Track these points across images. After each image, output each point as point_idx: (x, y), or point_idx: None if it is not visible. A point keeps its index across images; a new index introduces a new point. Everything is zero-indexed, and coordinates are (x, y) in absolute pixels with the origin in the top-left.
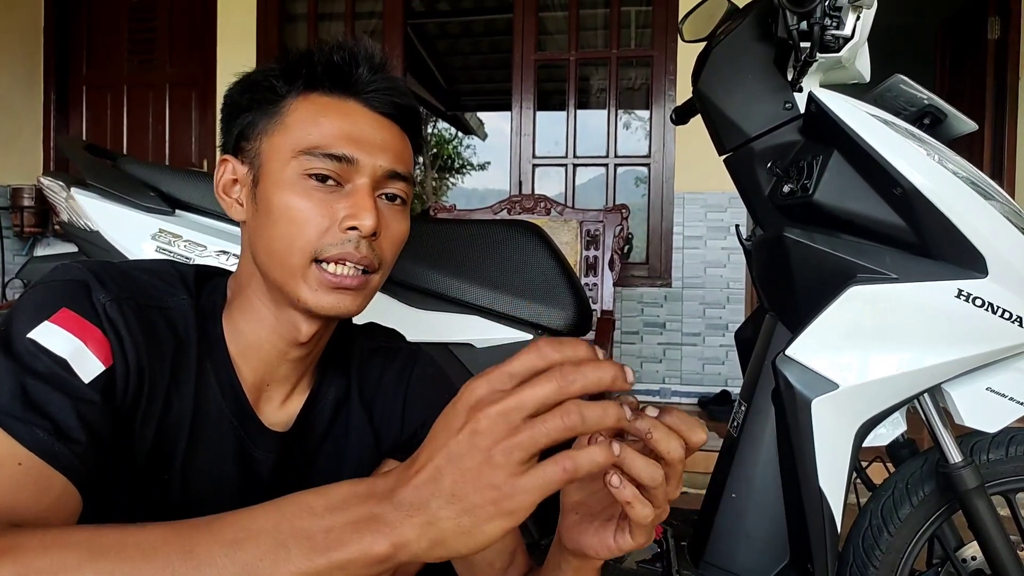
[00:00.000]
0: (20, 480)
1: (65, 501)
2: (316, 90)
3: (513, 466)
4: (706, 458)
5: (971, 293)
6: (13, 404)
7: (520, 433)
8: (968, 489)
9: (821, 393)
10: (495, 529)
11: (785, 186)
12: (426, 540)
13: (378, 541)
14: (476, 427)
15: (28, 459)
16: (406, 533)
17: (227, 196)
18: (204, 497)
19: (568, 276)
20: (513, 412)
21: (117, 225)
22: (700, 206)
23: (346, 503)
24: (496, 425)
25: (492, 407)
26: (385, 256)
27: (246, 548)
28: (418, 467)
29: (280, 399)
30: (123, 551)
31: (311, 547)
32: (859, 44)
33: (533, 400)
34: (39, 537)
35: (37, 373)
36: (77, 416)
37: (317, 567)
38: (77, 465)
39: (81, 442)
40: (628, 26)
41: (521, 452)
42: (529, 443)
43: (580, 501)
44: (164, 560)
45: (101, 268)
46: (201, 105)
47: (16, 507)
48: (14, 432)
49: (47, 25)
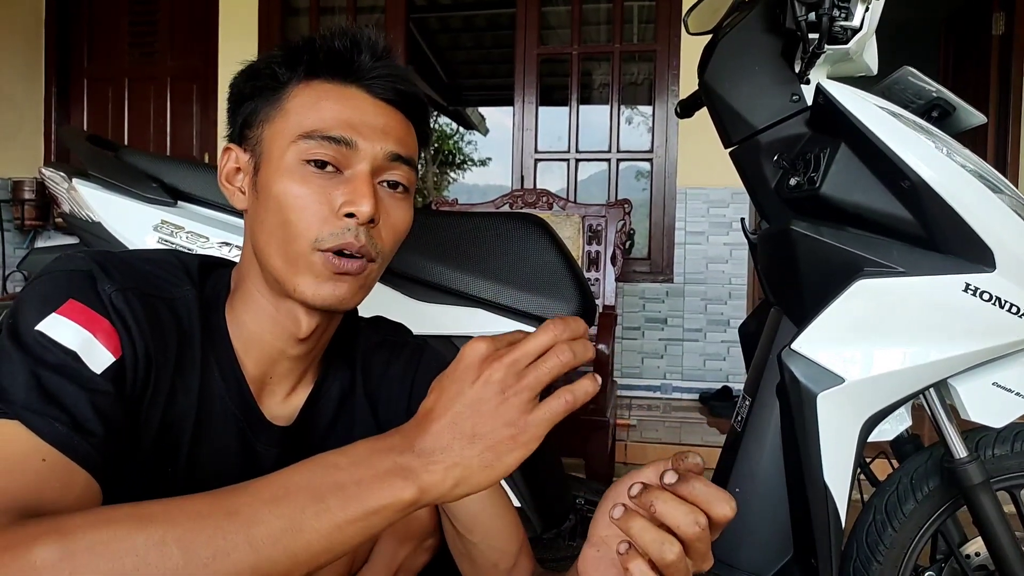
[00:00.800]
0: (46, 476)
1: (88, 495)
2: (318, 77)
3: (524, 404)
4: (709, 453)
5: (979, 287)
6: (29, 397)
7: (527, 376)
8: (973, 485)
9: (827, 387)
10: (514, 459)
11: (792, 179)
12: (451, 480)
13: (407, 487)
14: (490, 376)
15: (51, 454)
16: (431, 477)
17: (230, 185)
18: (208, 489)
19: (572, 269)
20: (520, 360)
21: (119, 216)
22: (702, 201)
23: (370, 457)
24: (507, 372)
25: (502, 359)
26: (384, 245)
27: (287, 503)
28: (434, 417)
29: (283, 393)
30: (170, 517)
31: (346, 498)
32: (867, 36)
33: (535, 348)
34: (80, 516)
35: (49, 366)
36: (92, 408)
37: (354, 514)
38: (95, 457)
39: (97, 434)
40: (631, 21)
41: (529, 392)
42: (535, 382)
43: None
44: (213, 521)
45: (105, 258)
46: (203, 98)
47: (44, 502)
48: (33, 426)
49: (48, 18)
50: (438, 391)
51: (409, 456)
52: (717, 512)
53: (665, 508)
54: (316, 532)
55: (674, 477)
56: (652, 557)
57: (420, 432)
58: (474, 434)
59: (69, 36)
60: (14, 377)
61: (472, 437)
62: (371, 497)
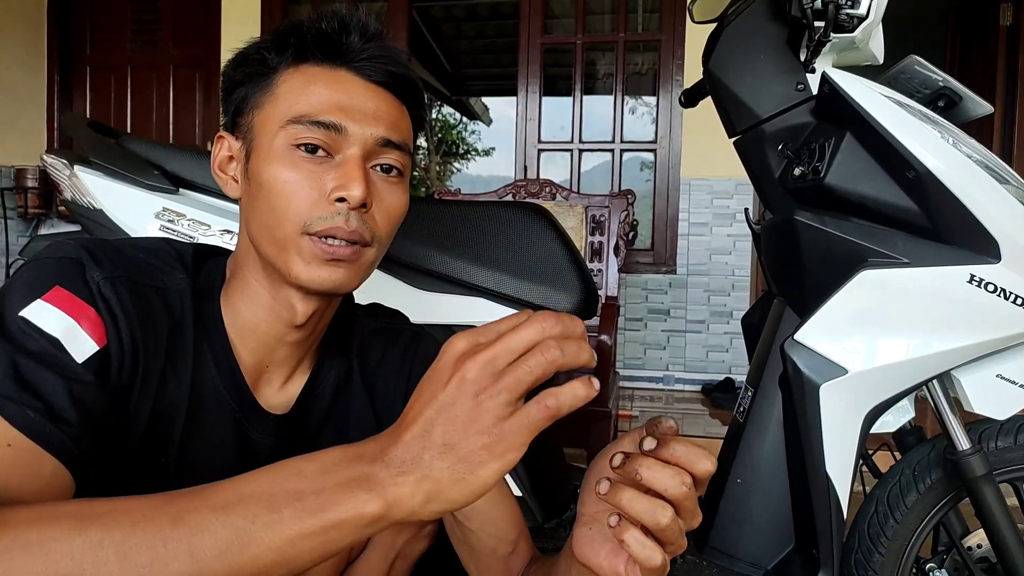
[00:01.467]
0: (10, 461)
1: (56, 483)
2: (307, 60)
3: (500, 408)
4: (710, 444)
5: (983, 278)
6: (4, 384)
7: (505, 376)
8: (976, 477)
9: (829, 378)
10: (490, 473)
11: (796, 169)
12: (421, 494)
13: (371, 500)
14: (464, 375)
15: (18, 440)
16: (399, 491)
17: (223, 173)
18: (201, 480)
19: (575, 259)
20: (499, 358)
21: (120, 203)
22: (706, 192)
23: (336, 465)
24: (483, 371)
25: (478, 355)
26: (379, 230)
27: (237, 511)
28: (407, 424)
29: (280, 381)
30: (113, 520)
31: (302, 508)
32: (874, 24)
33: (518, 343)
34: (28, 511)
35: (29, 352)
36: (69, 396)
37: (310, 528)
38: (69, 446)
39: (73, 423)
40: (635, 10)
41: (508, 394)
42: (514, 383)
43: (595, 515)
44: (154, 527)
45: (95, 245)
46: (205, 87)
47: (6, 489)
48: (4, 412)
49: (50, 5)
50: (417, 393)
51: (379, 466)
52: (700, 469)
53: (650, 473)
54: (265, 545)
55: (653, 443)
56: (647, 524)
57: (392, 440)
58: (444, 443)
59: (71, 23)
60: None
61: (443, 447)
62: (330, 509)
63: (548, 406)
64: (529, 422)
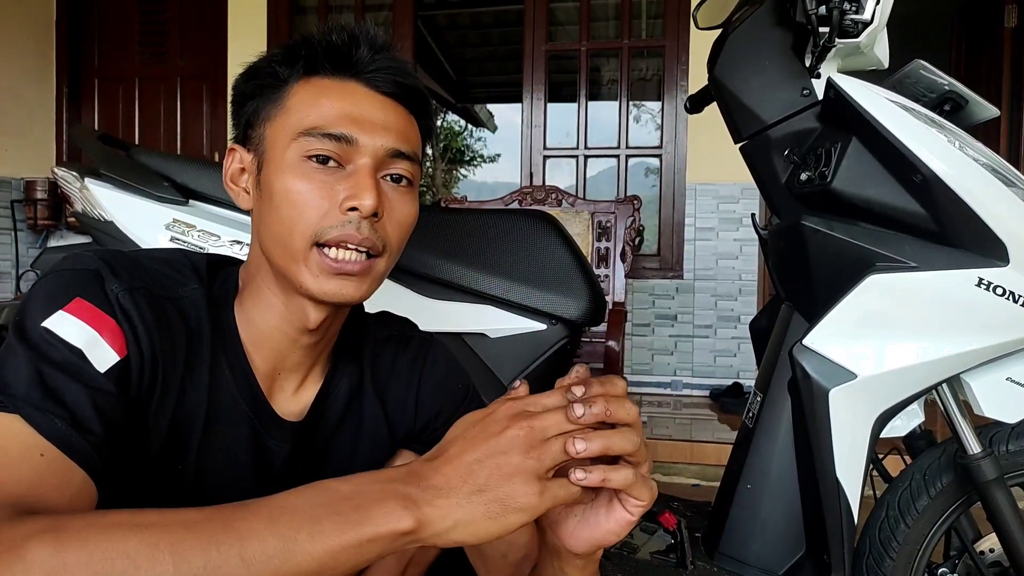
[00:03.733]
0: (43, 472)
1: (84, 493)
2: (317, 73)
3: (542, 470)
4: (719, 450)
5: (992, 282)
6: (31, 392)
7: (552, 444)
8: (987, 480)
9: (839, 383)
10: (516, 520)
11: (803, 174)
12: (451, 520)
13: (405, 516)
14: (518, 433)
15: (49, 450)
16: (432, 512)
17: (235, 185)
18: (218, 487)
19: (582, 266)
20: (549, 428)
21: (131, 215)
22: (712, 197)
23: (372, 484)
24: (534, 434)
25: (534, 420)
26: (390, 239)
27: (283, 522)
28: (450, 456)
29: (293, 388)
30: (166, 526)
31: (343, 522)
32: (878, 29)
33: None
34: (80, 516)
35: (53, 362)
36: (93, 406)
37: (349, 541)
38: (93, 456)
39: (97, 433)
40: (640, 16)
41: (551, 459)
42: (559, 454)
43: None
44: (207, 532)
45: (113, 257)
46: (212, 97)
47: (40, 498)
48: (33, 421)
49: (59, 18)
50: (462, 433)
51: (414, 488)
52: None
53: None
54: (309, 555)
55: (582, 389)
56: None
57: (432, 469)
58: (486, 484)
59: (80, 36)
60: (17, 372)
61: (483, 487)
62: (369, 523)
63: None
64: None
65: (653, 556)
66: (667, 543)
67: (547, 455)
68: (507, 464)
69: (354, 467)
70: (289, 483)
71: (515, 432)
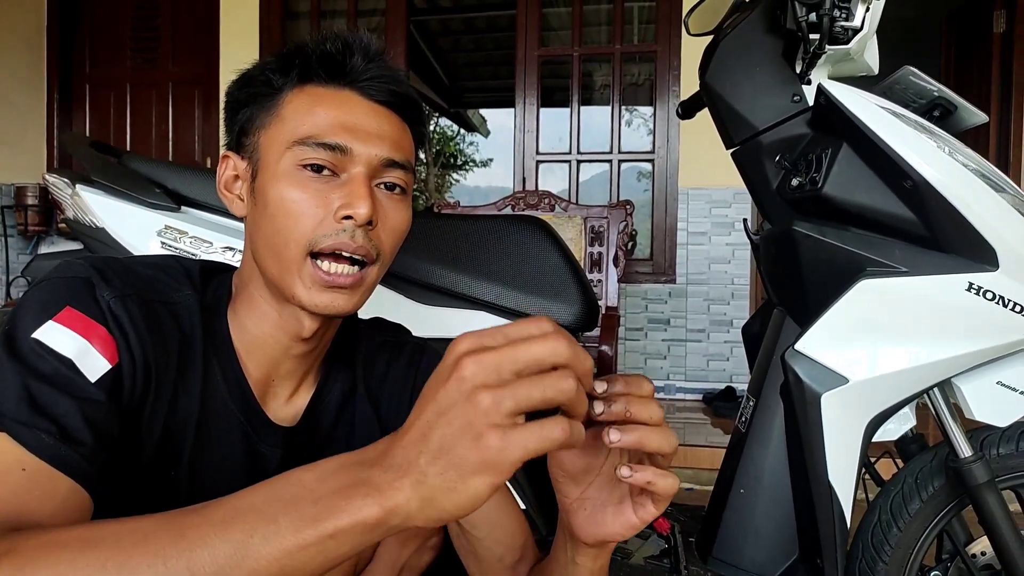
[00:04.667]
0: (25, 485)
1: (72, 502)
2: (311, 81)
3: (500, 417)
4: (713, 454)
5: (982, 286)
6: (19, 408)
7: (512, 386)
8: (978, 484)
9: (830, 387)
10: (481, 485)
11: (794, 179)
12: (416, 500)
13: (367, 505)
14: (462, 373)
15: (33, 463)
16: (396, 496)
17: (229, 192)
18: (211, 493)
19: (575, 272)
20: (505, 364)
21: (123, 222)
22: (705, 202)
23: (335, 472)
24: (485, 372)
25: (483, 355)
26: (384, 247)
27: (236, 526)
28: (407, 427)
29: (286, 394)
30: (116, 541)
31: (299, 518)
32: (868, 36)
33: (526, 355)
34: (35, 537)
35: (42, 375)
36: (83, 417)
37: (307, 539)
38: (83, 466)
39: (87, 443)
40: (631, 22)
41: (511, 402)
42: (522, 397)
43: (583, 497)
44: (156, 546)
45: (104, 264)
46: (204, 103)
47: (23, 512)
48: (19, 437)
49: (50, 23)
50: (420, 398)
51: (376, 471)
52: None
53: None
54: (264, 558)
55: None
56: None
57: (393, 444)
58: (440, 447)
59: (71, 42)
60: (6, 388)
61: (438, 451)
62: (328, 519)
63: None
64: (537, 439)
65: (647, 561)
66: (661, 548)
67: (505, 397)
68: (456, 418)
69: None
70: None
71: (460, 374)
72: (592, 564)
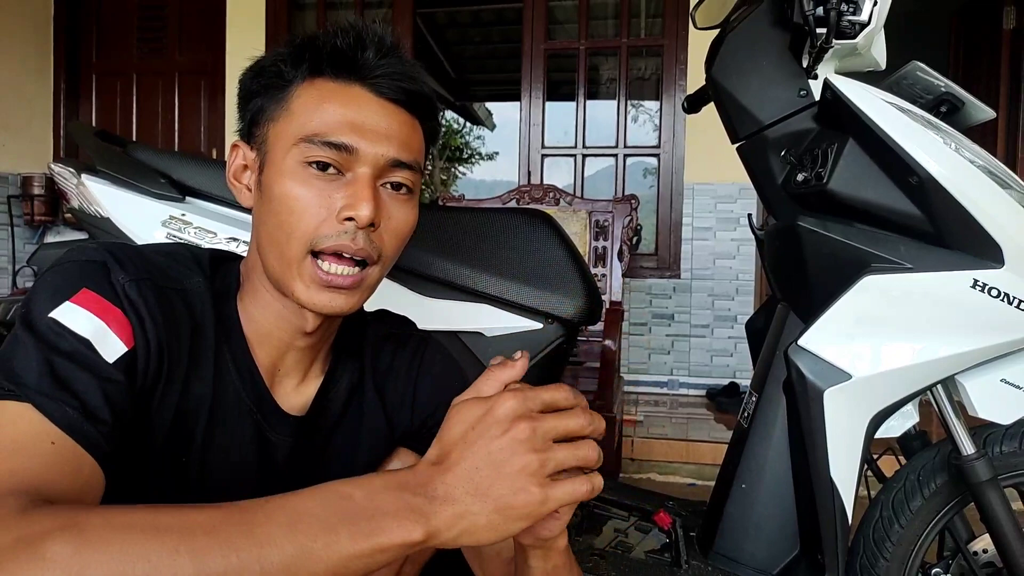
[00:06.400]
0: (53, 459)
1: (93, 482)
2: (321, 75)
3: (542, 476)
4: (715, 449)
5: (987, 283)
6: (41, 382)
7: (554, 451)
8: (981, 481)
9: (834, 383)
10: (518, 527)
11: (799, 174)
12: (457, 529)
13: (416, 529)
14: (519, 436)
15: (60, 438)
16: (439, 522)
17: (238, 182)
18: (221, 479)
19: (579, 265)
20: (551, 432)
21: (127, 211)
22: (710, 197)
23: (384, 492)
24: (536, 438)
25: (536, 423)
26: (386, 248)
27: (301, 530)
28: (451, 463)
29: (294, 383)
30: (185, 529)
31: (357, 532)
32: (876, 30)
33: (566, 428)
34: (99, 515)
35: (62, 352)
36: (103, 396)
37: (362, 549)
38: (103, 445)
39: (107, 422)
40: (638, 15)
41: (553, 464)
42: (563, 460)
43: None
44: (226, 536)
45: (118, 249)
46: (210, 93)
47: (51, 485)
48: (45, 409)
49: (57, 13)
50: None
51: (422, 499)
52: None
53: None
54: (324, 563)
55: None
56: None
57: (436, 475)
58: (488, 492)
59: (78, 31)
60: (27, 362)
61: (485, 495)
62: (382, 534)
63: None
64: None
65: (648, 555)
66: (662, 542)
67: (550, 460)
68: (509, 471)
69: (355, 462)
70: (291, 476)
71: (516, 436)
72: (544, 564)
